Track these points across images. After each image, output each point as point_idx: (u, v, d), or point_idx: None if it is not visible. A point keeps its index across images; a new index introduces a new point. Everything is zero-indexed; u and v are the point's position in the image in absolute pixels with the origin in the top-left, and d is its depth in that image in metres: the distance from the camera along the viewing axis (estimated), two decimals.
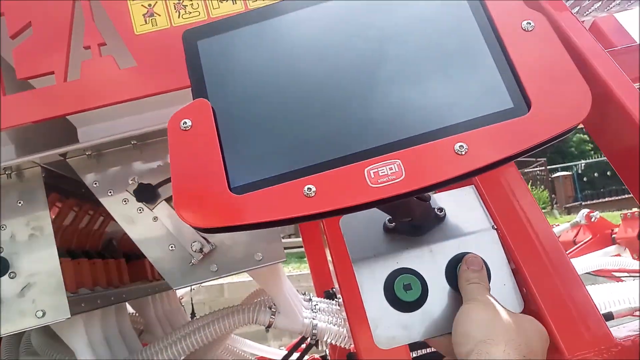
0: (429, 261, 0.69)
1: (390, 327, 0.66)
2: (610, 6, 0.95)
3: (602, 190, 15.27)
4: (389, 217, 0.70)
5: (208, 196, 0.53)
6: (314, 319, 1.52)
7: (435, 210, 0.71)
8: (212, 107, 0.57)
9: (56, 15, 0.96)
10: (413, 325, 0.66)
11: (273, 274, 1.40)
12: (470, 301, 0.63)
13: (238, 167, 0.54)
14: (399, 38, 0.58)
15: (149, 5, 0.97)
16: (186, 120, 0.56)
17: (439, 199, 0.73)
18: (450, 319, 0.65)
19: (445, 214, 0.71)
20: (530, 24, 0.56)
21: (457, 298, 0.66)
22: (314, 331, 1.48)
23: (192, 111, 0.57)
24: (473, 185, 0.76)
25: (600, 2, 0.93)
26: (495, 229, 0.71)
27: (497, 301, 0.63)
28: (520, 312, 0.67)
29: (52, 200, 1.38)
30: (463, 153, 0.52)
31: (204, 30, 0.62)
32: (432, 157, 0.52)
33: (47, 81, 0.95)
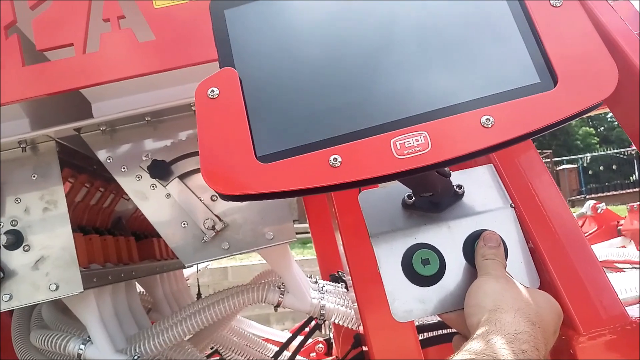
0: (446, 237, 0.69)
1: (408, 301, 0.67)
2: None
3: (607, 184, 15.26)
4: (407, 193, 0.70)
5: (235, 164, 0.53)
6: (322, 299, 1.53)
7: (455, 187, 0.71)
8: (239, 76, 0.57)
9: None
10: (430, 300, 0.67)
11: (282, 254, 1.41)
12: (484, 275, 0.64)
13: (264, 136, 0.55)
14: (428, 11, 0.58)
15: None
16: (213, 88, 0.56)
17: (458, 177, 0.74)
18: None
19: (464, 192, 0.72)
20: (559, 0, 0.56)
21: (473, 274, 0.67)
22: (322, 311, 1.49)
23: (220, 80, 0.57)
24: (491, 164, 0.76)
25: None
26: (513, 208, 0.71)
27: (511, 276, 0.63)
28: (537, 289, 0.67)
29: (65, 175, 1.39)
30: (489, 126, 0.52)
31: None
32: (459, 129, 0.53)
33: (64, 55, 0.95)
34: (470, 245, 0.68)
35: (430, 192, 0.67)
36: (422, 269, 0.67)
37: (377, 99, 0.55)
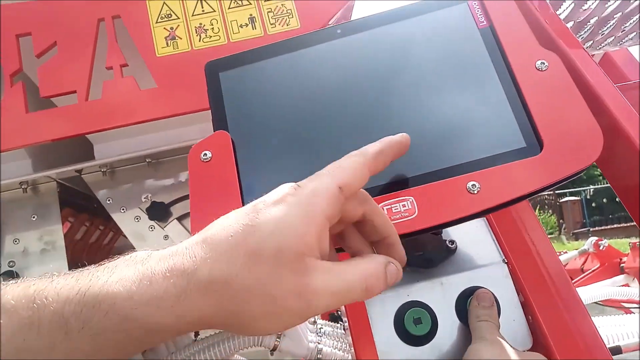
0: (439, 294, 0.69)
1: None
2: (623, 41, 0.97)
3: (610, 216, 15.16)
4: None
5: None
6: (319, 343, 1.52)
7: (447, 242, 0.72)
8: (232, 139, 0.59)
9: (81, 35, 0.99)
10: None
11: None
12: (479, 340, 0.63)
13: (256, 198, 0.56)
14: (414, 75, 0.60)
15: (171, 28, 1.00)
16: (206, 152, 0.57)
17: (451, 231, 0.74)
18: (458, 354, 0.65)
19: (456, 247, 0.72)
20: (544, 63, 0.58)
21: (466, 333, 0.67)
22: (318, 356, 1.47)
23: (213, 143, 0.58)
24: (484, 217, 0.77)
25: (612, 37, 0.94)
26: (506, 263, 0.71)
27: (506, 341, 0.63)
28: (530, 348, 0.67)
29: (65, 215, 1.40)
30: (476, 192, 0.53)
31: (226, 62, 0.64)
32: (445, 195, 0.54)
33: (68, 101, 0.97)
34: (463, 303, 0.68)
35: (420, 251, 0.68)
36: (414, 328, 0.67)
37: None
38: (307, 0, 1.01)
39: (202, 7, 1.00)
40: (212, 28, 0.99)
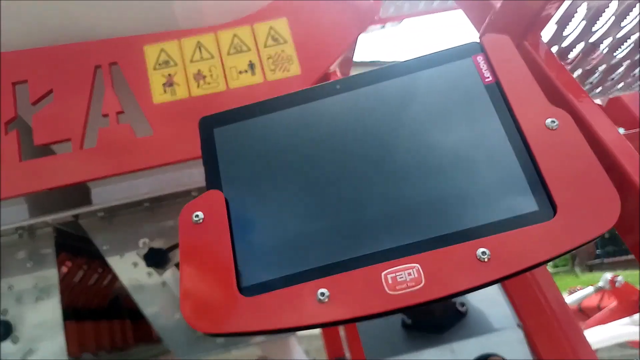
0: None
1: None
2: (633, 86, 0.94)
3: (624, 247, 14.91)
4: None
5: (216, 298, 0.50)
6: None
7: (457, 305, 0.67)
8: (226, 198, 0.55)
9: (77, 82, 0.97)
10: None
11: (284, 345, 1.35)
12: None
13: (249, 265, 0.52)
14: (419, 133, 0.57)
15: (169, 74, 0.98)
16: (198, 213, 0.54)
17: None
18: None
19: (467, 309, 0.68)
20: (554, 122, 0.55)
21: None
22: None
23: (205, 203, 0.55)
24: None
25: (622, 83, 0.92)
26: (521, 327, 0.67)
27: None
28: None
29: (62, 259, 1.37)
30: (485, 260, 0.49)
31: (220, 117, 0.61)
32: (453, 263, 0.50)
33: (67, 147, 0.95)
34: None
35: (427, 317, 0.64)
36: None
37: (366, 225, 0.53)
38: (308, 45, 0.99)
39: (201, 54, 0.98)
40: (211, 74, 0.97)
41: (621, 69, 0.84)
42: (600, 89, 0.91)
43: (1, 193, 0.92)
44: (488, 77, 0.58)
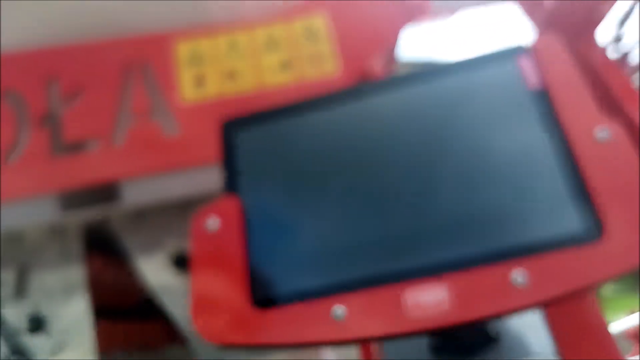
0: None
1: None
2: None
3: None
4: None
5: (228, 309, 0.48)
6: None
7: (489, 328, 0.62)
8: (244, 204, 0.53)
9: (108, 79, 0.97)
10: None
11: (316, 352, 1.32)
12: None
13: (264, 275, 0.49)
14: (457, 141, 0.53)
15: (200, 72, 0.97)
16: (214, 219, 0.52)
17: None
18: None
19: (500, 333, 0.63)
20: (605, 134, 0.49)
21: None
22: None
23: (222, 209, 0.52)
24: None
25: None
26: (559, 358, 0.61)
27: None
28: None
29: (93, 258, 1.37)
30: (520, 283, 0.45)
31: (244, 122, 0.58)
32: (484, 285, 0.45)
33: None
34: None
35: (457, 340, 0.59)
36: None
37: (391, 239, 0.49)
38: (347, 44, 0.95)
39: (234, 51, 0.96)
40: (244, 73, 0.95)
41: None
42: None
43: (31, 189, 0.93)
44: (534, 83, 0.54)
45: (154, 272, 1.25)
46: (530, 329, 0.64)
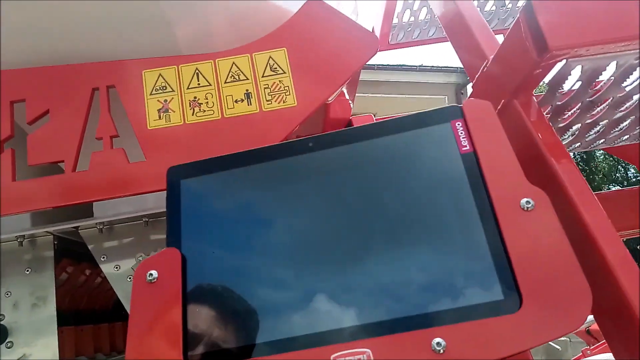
0: None
1: None
2: (616, 142, 0.88)
3: None
4: None
5: None
6: None
7: None
8: (185, 257, 0.54)
9: (74, 103, 0.97)
10: None
11: None
12: None
13: (199, 331, 0.51)
14: (386, 202, 0.54)
15: (165, 100, 0.97)
16: (152, 272, 0.53)
17: None
18: None
19: None
20: (530, 203, 0.51)
21: None
22: None
23: (161, 262, 0.54)
24: None
25: (627, 136, 0.87)
26: None
27: None
28: None
29: (64, 265, 1.39)
30: (441, 351, 0.47)
31: (189, 168, 0.60)
32: (406, 351, 0.47)
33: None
34: None
35: None
36: None
37: (321, 301, 0.51)
38: (306, 77, 0.97)
39: (198, 81, 0.97)
40: (207, 102, 0.96)
41: (625, 123, 0.79)
42: (603, 140, 0.86)
43: None
44: (465, 146, 0.55)
45: (122, 280, 1.26)
46: None
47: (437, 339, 0.47)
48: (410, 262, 0.51)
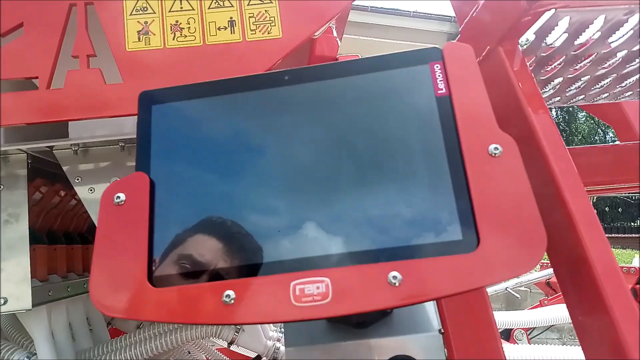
0: (365, 357, 0.66)
1: None
2: (619, 97, 0.90)
3: (608, 225, 15.03)
4: None
5: (125, 285, 0.50)
6: (278, 340, 1.50)
7: None
8: (153, 182, 0.54)
9: (50, 18, 0.94)
10: None
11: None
12: None
13: (164, 254, 0.52)
14: (357, 139, 0.55)
15: (145, 22, 0.94)
16: (120, 194, 0.53)
17: None
18: None
19: (392, 309, 0.68)
20: (498, 149, 0.52)
21: None
22: (275, 355, 1.46)
23: (129, 185, 0.54)
24: None
25: (607, 94, 0.87)
26: (442, 334, 0.67)
27: None
28: None
29: (37, 184, 1.38)
30: (396, 284, 0.49)
31: (161, 94, 0.59)
32: (363, 282, 0.49)
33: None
34: None
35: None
36: None
37: (284, 230, 0.52)
38: (293, 7, 0.94)
39: (181, 4, 0.94)
40: (189, 27, 0.93)
41: (605, 81, 0.80)
42: (583, 96, 0.87)
43: None
44: (441, 89, 0.56)
45: (96, 203, 1.26)
46: (422, 308, 0.70)
47: (394, 273, 0.49)
48: (374, 199, 0.52)
